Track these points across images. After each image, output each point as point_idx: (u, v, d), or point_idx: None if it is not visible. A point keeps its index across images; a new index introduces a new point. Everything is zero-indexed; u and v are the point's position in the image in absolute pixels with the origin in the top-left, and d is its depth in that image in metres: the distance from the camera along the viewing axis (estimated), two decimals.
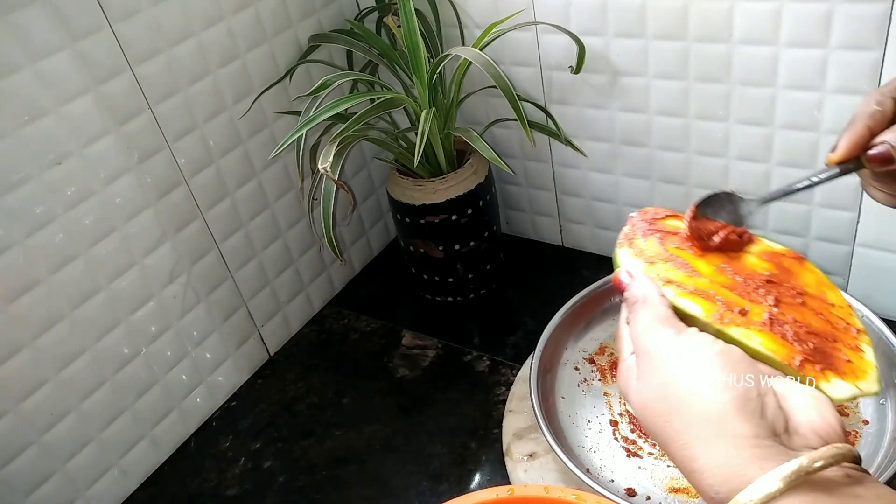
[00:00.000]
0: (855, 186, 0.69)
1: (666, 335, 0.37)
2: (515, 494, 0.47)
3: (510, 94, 0.68)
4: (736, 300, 0.41)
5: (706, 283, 0.42)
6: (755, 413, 0.33)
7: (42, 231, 0.61)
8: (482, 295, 0.89)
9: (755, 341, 0.39)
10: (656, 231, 0.46)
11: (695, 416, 0.34)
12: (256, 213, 0.81)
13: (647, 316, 0.39)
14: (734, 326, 0.39)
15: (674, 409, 0.35)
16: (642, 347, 0.38)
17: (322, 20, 0.83)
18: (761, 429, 0.32)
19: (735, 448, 0.32)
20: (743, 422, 0.33)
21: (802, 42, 0.64)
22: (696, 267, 0.43)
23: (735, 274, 0.43)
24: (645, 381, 0.37)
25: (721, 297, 0.41)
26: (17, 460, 0.63)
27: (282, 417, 0.79)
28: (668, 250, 0.44)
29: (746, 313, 0.40)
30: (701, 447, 0.33)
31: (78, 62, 0.61)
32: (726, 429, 0.33)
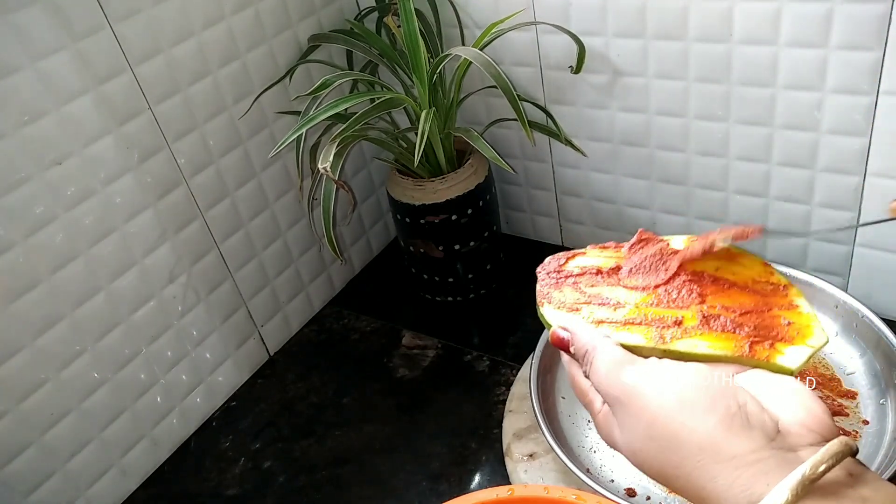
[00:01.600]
0: (855, 186, 0.69)
1: (630, 378, 0.37)
2: (515, 494, 0.47)
3: (510, 93, 0.68)
4: (666, 313, 0.41)
5: (633, 310, 0.42)
6: (743, 427, 0.33)
7: (42, 231, 0.61)
8: (482, 295, 0.89)
9: (702, 347, 0.39)
10: (565, 278, 0.47)
11: (688, 449, 0.33)
12: (256, 212, 0.81)
13: (604, 362, 0.38)
14: (676, 341, 0.40)
15: (665, 449, 0.34)
16: (612, 396, 0.37)
17: (322, 20, 0.83)
18: (754, 441, 0.32)
19: (736, 469, 0.32)
20: (735, 440, 0.32)
21: (802, 42, 0.64)
22: (617, 298, 0.44)
23: (654, 288, 0.44)
24: (627, 428, 0.36)
25: (652, 317, 0.41)
26: (17, 460, 0.63)
27: (282, 417, 0.79)
28: (585, 292, 0.45)
29: (681, 322, 0.41)
30: (703, 476, 0.33)
31: (78, 62, 0.61)
32: (722, 453, 0.32)
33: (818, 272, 0.73)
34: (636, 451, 0.36)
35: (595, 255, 0.49)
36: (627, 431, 0.37)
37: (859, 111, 0.64)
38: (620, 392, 0.37)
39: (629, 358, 0.38)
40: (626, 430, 0.37)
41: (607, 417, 0.38)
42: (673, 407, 0.34)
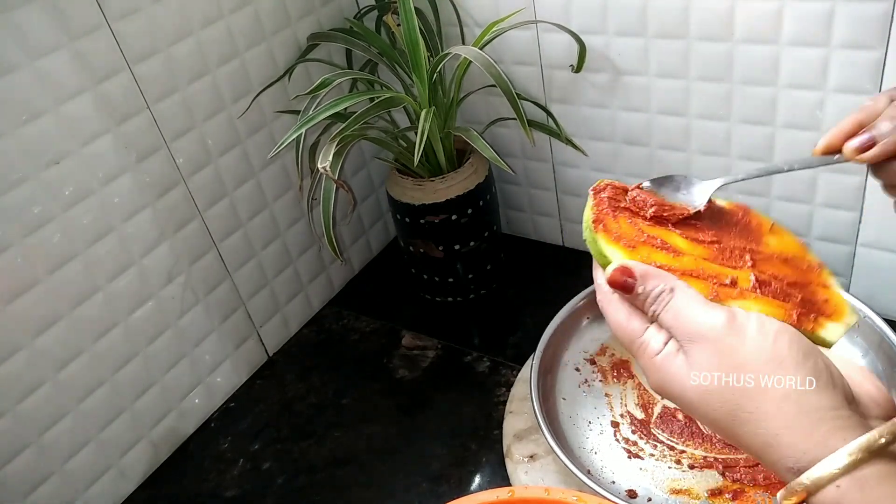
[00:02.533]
0: (857, 186, 0.68)
1: (721, 317, 0.36)
2: (516, 496, 0.47)
3: (510, 93, 0.67)
4: (721, 271, 0.41)
5: (691, 260, 0.41)
6: (828, 384, 0.34)
7: (40, 231, 0.61)
8: (482, 295, 0.89)
9: (755, 310, 0.39)
10: (623, 209, 0.44)
11: (772, 396, 0.34)
12: (255, 212, 0.81)
13: (685, 302, 0.37)
14: (731, 300, 0.39)
15: (745, 393, 0.34)
16: (699, 333, 0.36)
17: (321, 19, 0.82)
18: (837, 399, 0.33)
19: (818, 421, 0.33)
20: (821, 395, 0.33)
21: (804, 41, 0.63)
22: (674, 243, 0.42)
23: (710, 243, 0.43)
24: (704, 367, 0.36)
25: (709, 272, 0.41)
26: (16, 461, 0.62)
27: (281, 418, 0.78)
28: (643, 231, 0.43)
29: (736, 282, 0.40)
30: (781, 422, 0.33)
31: (76, 61, 0.60)
32: (806, 404, 0.33)
33: None
34: (707, 393, 0.36)
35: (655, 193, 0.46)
36: (703, 371, 0.36)
37: None
38: (711, 331, 0.36)
39: (711, 302, 0.37)
40: (702, 370, 0.36)
41: (669, 359, 0.37)
42: (766, 353, 0.35)
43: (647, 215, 0.43)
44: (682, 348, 0.37)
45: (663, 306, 0.38)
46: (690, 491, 0.60)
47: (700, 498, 0.59)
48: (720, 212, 0.46)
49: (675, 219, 0.44)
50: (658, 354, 0.38)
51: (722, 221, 0.45)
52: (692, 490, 0.60)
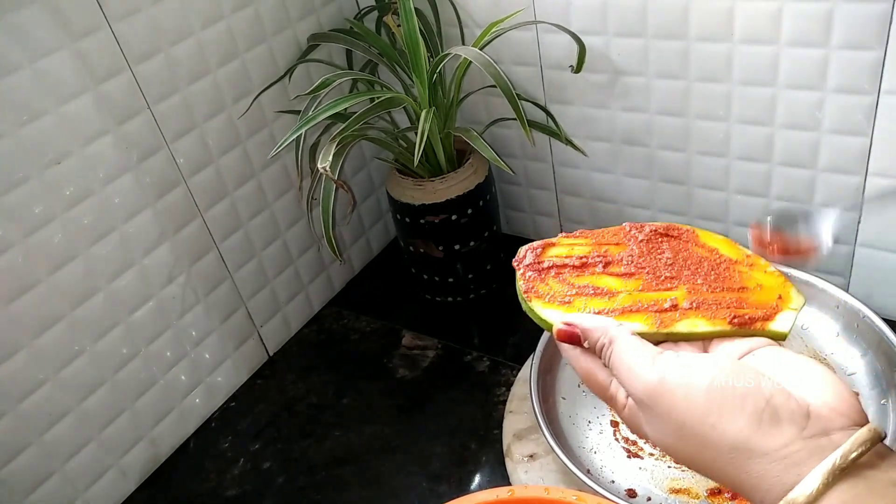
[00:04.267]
0: (856, 186, 0.69)
1: (653, 378, 0.36)
2: (516, 495, 0.47)
3: (510, 93, 0.68)
4: (659, 297, 0.42)
5: (626, 297, 0.42)
6: (772, 422, 0.33)
7: (41, 231, 0.61)
8: (482, 295, 0.89)
9: (701, 326, 0.40)
10: (547, 270, 0.46)
11: (721, 449, 0.34)
12: (256, 212, 0.81)
13: (624, 357, 0.38)
14: (676, 323, 0.40)
15: (697, 447, 0.35)
16: (636, 396, 0.37)
17: (321, 19, 0.82)
18: (784, 436, 0.32)
19: (769, 463, 0.32)
20: (766, 438, 0.33)
21: (803, 41, 0.63)
22: (606, 285, 0.43)
23: (638, 273, 0.44)
24: (656, 427, 0.36)
25: (647, 302, 0.41)
26: (17, 460, 0.62)
27: (281, 418, 0.78)
28: (573, 284, 0.44)
29: (676, 304, 0.41)
30: (736, 470, 0.33)
31: (77, 62, 0.61)
32: (754, 451, 0.33)
33: (819, 272, 0.73)
34: (667, 446, 0.37)
35: (568, 243, 0.48)
36: (656, 430, 0.37)
37: (860, 111, 0.64)
38: (644, 394, 0.36)
39: (647, 351, 0.37)
40: (656, 430, 0.37)
41: (633, 411, 0.38)
42: (701, 410, 0.34)
43: (574, 264, 0.45)
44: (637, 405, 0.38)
45: (608, 360, 0.39)
46: (690, 490, 0.60)
47: (699, 497, 0.60)
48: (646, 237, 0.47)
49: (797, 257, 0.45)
50: (625, 408, 0.39)
51: (648, 246, 0.46)
52: (691, 489, 0.60)
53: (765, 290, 0.42)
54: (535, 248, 0.47)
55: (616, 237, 0.47)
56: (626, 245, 0.46)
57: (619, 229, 0.48)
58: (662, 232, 0.46)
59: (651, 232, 0.46)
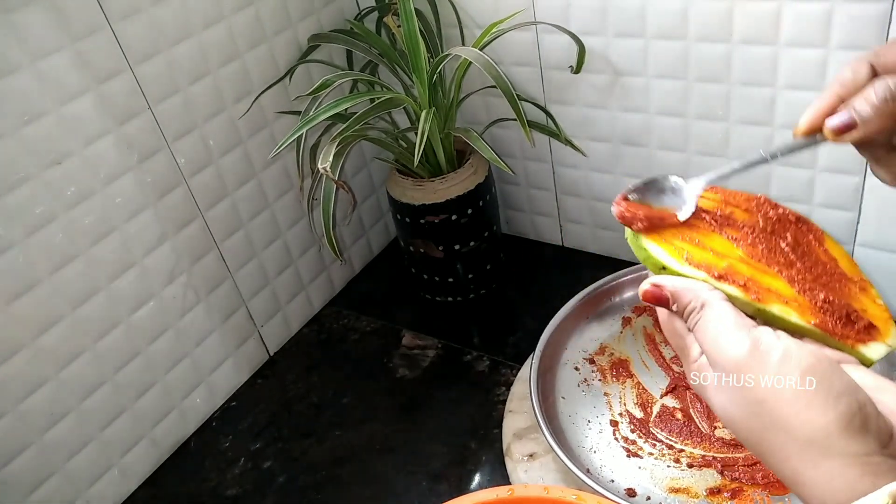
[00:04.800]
0: (855, 187, 0.69)
1: (742, 347, 0.34)
2: (515, 495, 0.47)
3: (509, 94, 0.68)
4: (763, 275, 0.40)
5: (733, 262, 0.40)
6: (861, 429, 0.31)
7: (42, 231, 0.61)
8: (482, 295, 0.89)
9: (794, 317, 0.38)
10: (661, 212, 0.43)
11: (796, 437, 0.32)
12: (256, 213, 0.81)
13: (712, 323, 0.36)
14: (772, 304, 0.38)
15: (770, 428, 0.33)
16: (719, 363, 0.35)
17: (322, 20, 0.83)
18: (869, 445, 0.31)
19: (845, 467, 0.31)
20: (850, 441, 0.31)
21: (802, 42, 0.63)
22: (714, 246, 0.41)
23: (747, 244, 0.42)
24: (729, 397, 0.35)
25: (749, 274, 0.39)
26: (17, 460, 0.62)
27: (282, 417, 0.78)
28: (681, 231, 0.42)
29: (777, 288, 0.39)
30: (806, 464, 0.32)
31: (78, 62, 0.61)
32: (833, 449, 0.31)
33: None
34: (733, 419, 0.35)
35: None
36: (727, 399, 0.35)
37: None
38: (729, 362, 0.34)
39: (743, 322, 0.35)
40: (726, 398, 0.35)
41: (704, 370, 0.37)
42: (791, 393, 0.33)
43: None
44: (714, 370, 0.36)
45: (694, 324, 0.37)
46: (689, 490, 0.60)
47: (699, 497, 0.60)
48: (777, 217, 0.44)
49: (667, 227, 0.42)
50: (695, 362, 0.37)
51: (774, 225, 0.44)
52: (691, 489, 0.60)
53: (867, 315, 0.40)
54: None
55: (747, 203, 0.45)
56: (754, 215, 0.44)
57: (752, 197, 0.45)
58: (793, 220, 0.44)
59: (782, 213, 0.44)
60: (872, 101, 0.37)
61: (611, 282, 0.77)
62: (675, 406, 0.68)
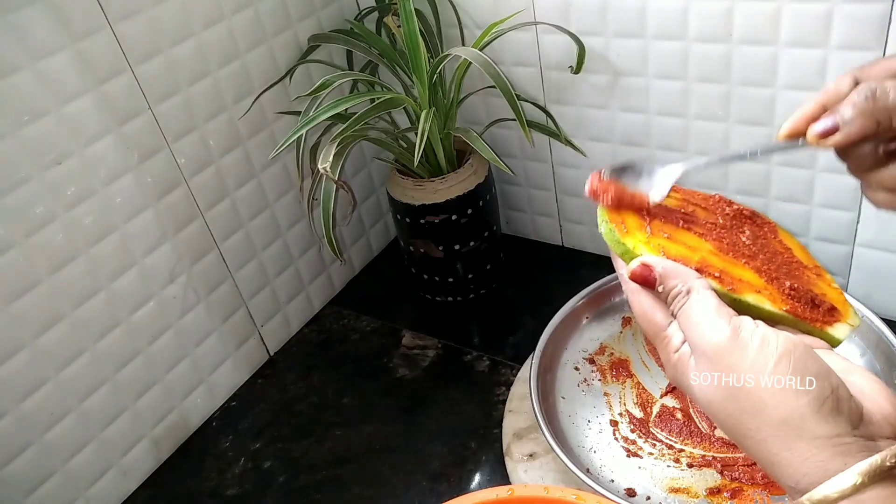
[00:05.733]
0: (855, 187, 0.69)
1: (723, 334, 0.36)
2: (515, 494, 0.47)
3: (509, 94, 0.68)
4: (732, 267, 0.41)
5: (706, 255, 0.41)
6: (832, 412, 0.33)
7: (42, 231, 0.61)
8: (482, 295, 0.89)
9: (767, 305, 0.39)
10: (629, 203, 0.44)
11: (770, 419, 0.33)
12: (256, 213, 0.81)
13: (698, 309, 0.37)
14: (746, 293, 0.39)
15: (746, 411, 0.34)
16: (700, 348, 0.36)
17: (322, 20, 0.83)
18: (840, 427, 0.33)
19: (817, 448, 0.32)
20: (822, 423, 0.33)
21: (802, 42, 0.64)
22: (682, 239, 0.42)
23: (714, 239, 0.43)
24: (709, 381, 0.36)
25: (722, 266, 0.40)
26: (17, 460, 0.63)
27: (282, 417, 0.79)
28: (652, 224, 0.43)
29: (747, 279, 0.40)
30: (780, 445, 0.33)
31: (78, 62, 0.61)
32: (806, 431, 0.33)
33: None
34: (711, 402, 0.36)
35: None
36: (707, 385, 0.36)
37: None
38: (710, 347, 0.36)
39: (725, 310, 0.37)
40: (706, 384, 0.36)
41: (684, 360, 0.38)
42: (766, 377, 0.34)
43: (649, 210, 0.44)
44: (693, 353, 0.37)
45: (679, 308, 0.38)
46: (689, 489, 0.60)
47: (698, 496, 0.60)
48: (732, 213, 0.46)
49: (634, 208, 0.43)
50: (676, 352, 0.38)
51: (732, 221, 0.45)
52: (691, 489, 0.60)
53: (827, 299, 0.42)
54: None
55: (705, 202, 0.46)
56: (713, 212, 0.45)
57: (709, 196, 0.47)
58: (748, 215, 0.46)
59: (738, 210, 0.46)
60: (853, 101, 0.38)
61: (611, 282, 0.77)
62: (674, 406, 0.68)
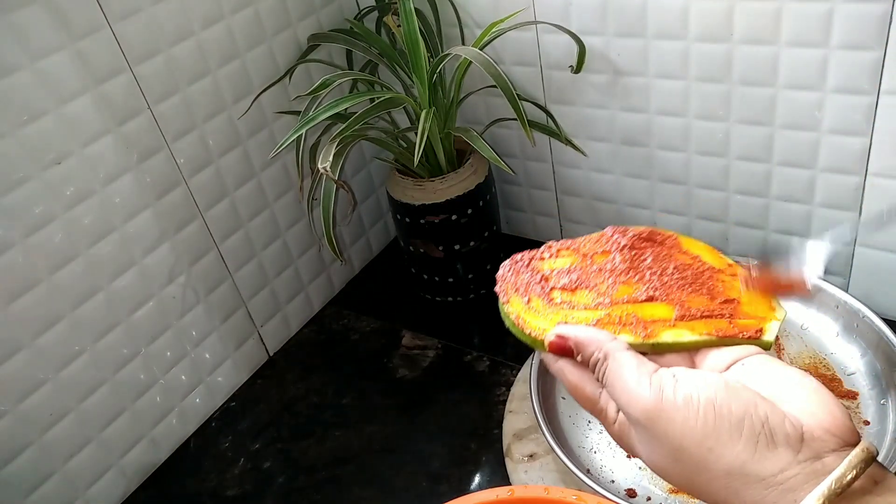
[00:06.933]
0: (855, 187, 0.69)
1: (647, 401, 0.35)
2: (516, 495, 0.47)
3: (510, 93, 0.68)
4: (642, 309, 0.41)
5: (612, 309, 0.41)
6: (769, 446, 0.32)
7: (41, 231, 0.61)
8: (482, 295, 0.89)
9: (686, 336, 0.39)
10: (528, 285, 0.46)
11: (717, 473, 0.33)
12: (256, 212, 0.81)
13: (620, 374, 0.36)
14: (662, 333, 0.39)
15: (692, 470, 0.34)
16: (632, 417, 0.36)
17: (322, 19, 0.83)
18: (781, 460, 0.32)
19: (765, 489, 0.32)
20: (762, 462, 0.32)
21: (803, 42, 0.63)
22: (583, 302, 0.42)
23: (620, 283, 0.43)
24: (650, 447, 0.36)
25: (630, 314, 0.40)
26: (17, 460, 0.62)
27: (281, 418, 0.78)
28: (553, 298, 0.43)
29: (659, 317, 0.40)
30: (732, 496, 0.33)
31: (77, 62, 0.61)
32: (750, 476, 0.32)
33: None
34: (659, 468, 0.36)
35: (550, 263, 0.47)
36: (649, 450, 0.36)
37: (860, 111, 0.64)
38: (642, 414, 0.35)
39: (645, 370, 0.36)
40: (649, 450, 0.36)
41: (625, 429, 0.38)
42: (699, 433, 0.33)
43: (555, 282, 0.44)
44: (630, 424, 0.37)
45: (602, 375, 0.38)
46: None
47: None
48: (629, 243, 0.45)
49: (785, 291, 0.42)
50: (615, 423, 0.38)
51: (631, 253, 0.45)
52: None
53: (747, 302, 0.41)
54: (520, 260, 0.48)
55: (599, 244, 0.46)
56: (610, 252, 0.45)
57: (600, 236, 0.47)
58: (645, 237, 0.45)
59: (633, 237, 0.45)
60: None
61: None
62: None
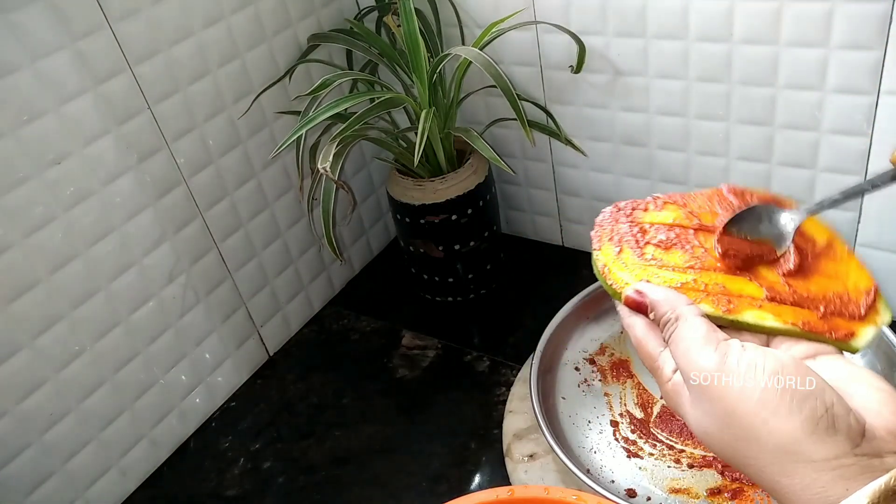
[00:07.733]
0: None
1: (712, 363, 0.35)
2: (516, 495, 0.47)
3: (510, 93, 0.68)
4: (733, 283, 0.40)
5: (701, 274, 0.40)
6: (828, 431, 0.32)
7: (41, 231, 0.61)
8: (482, 295, 0.89)
9: (769, 321, 0.38)
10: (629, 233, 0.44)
11: (765, 445, 0.32)
12: (256, 212, 0.81)
13: (687, 337, 0.36)
14: (744, 312, 0.38)
15: (741, 439, 0.33)
16: (687, 375, 0.36)
17: (322, 20, 0.83)
18: (839, 447, 0.31)
19: (816, 472, 0.31)
20: (818, 445, 0.31)
21: (803, 42, 0.63)
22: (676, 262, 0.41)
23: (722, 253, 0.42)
24: (702, 410, 0.35)
25: (719, 284, 0.39)
26: (17, 460, 0.62)
27: (281, 418, 0.78)
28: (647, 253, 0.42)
29: (747, 293, 0.39)
30: (778, 472, 0.32)
31: (77, 62, 0.61)
32: (802, 455, 0.32)
33: None
34: (707, 432, 0.35)
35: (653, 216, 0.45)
36: (700, 413, 0.35)
37: (860, 111, 0.64)
38: (698, 374, 0.35)
39: (714, 336, 0.36)
40: (701, 412, 0.35)
41: (678, 388, 0.37)
42: (756, 402, 0.33)
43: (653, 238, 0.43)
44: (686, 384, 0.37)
45: (669, 335, 0.38)
46: (689, 490, 0.60)
47: (699, 497, 0.60)
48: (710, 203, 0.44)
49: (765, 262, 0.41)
50: (669, 381, 0.38)
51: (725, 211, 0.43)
52: (691, 489, 0.60)
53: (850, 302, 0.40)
54: (624, 207, 0.46)
55: (711, 203, 0.44)
56: (718, 215, 0.43)
57: (713, 192, 0.45)
58: (771, 200, 0.43)
59: (750, 199, 0.43)
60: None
61: None
62: None
